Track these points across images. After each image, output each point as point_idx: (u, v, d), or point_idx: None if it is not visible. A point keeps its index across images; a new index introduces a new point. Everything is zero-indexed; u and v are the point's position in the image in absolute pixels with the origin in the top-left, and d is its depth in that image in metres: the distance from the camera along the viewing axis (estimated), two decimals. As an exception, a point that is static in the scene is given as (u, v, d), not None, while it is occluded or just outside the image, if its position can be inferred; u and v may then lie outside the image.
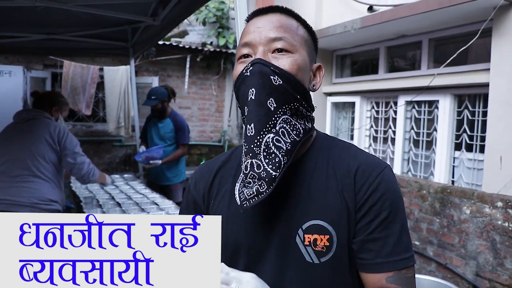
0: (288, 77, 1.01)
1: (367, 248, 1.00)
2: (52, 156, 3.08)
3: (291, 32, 1.05)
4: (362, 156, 1.08)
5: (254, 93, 0.99)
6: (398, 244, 1.00)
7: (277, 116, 0.99)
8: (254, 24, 1.07)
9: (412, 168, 4.48)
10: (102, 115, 6.92)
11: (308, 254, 1.00)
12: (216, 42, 7.47)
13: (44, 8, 3.33)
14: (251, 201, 0.98)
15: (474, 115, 3.84)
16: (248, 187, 0.99)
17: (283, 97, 1.00)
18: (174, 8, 3.39)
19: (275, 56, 1.03)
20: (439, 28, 4.08)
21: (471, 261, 3.35)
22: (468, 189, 3.46)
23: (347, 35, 4.51)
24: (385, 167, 1.05)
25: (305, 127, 1.06)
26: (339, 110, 5.61)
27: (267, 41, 1.03)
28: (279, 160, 0.98)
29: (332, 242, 1.00)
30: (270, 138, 0.98)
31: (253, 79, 1.00)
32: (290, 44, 1.03)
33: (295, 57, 1.03)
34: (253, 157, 0.98)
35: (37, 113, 3.21)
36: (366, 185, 1.02)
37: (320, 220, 1.01)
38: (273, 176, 0.97)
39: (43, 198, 2.97)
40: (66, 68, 6.16)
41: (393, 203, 1.02)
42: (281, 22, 1.05)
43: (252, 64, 1.01)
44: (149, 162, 4.51)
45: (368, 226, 1.00)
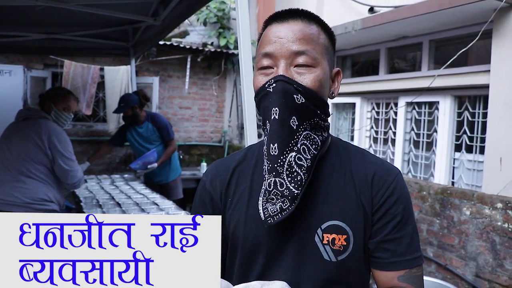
0: (311, 95, 1.03)
1: (384, 248, 1.07)
2: (42, 158, 3.00)
3: (313, 43, 1.04)
4: (378, 161, 1.14)
5: (278, 112, 1.01)
6: (410, 244, 1.07)
7: (299, 134, 1.03)
8: (275, 32, 1.05)
9: (412, 169, 4.48)
10: (103, 115, 6.92)
11: (326, 252, 1.05)
12: (217, 43, 7.47)
13: (44, 7, 3.33)
14: (275, 218, 1.02)
15: (474, 117, 3.84)
16: (272, 203, 1.03)
17: (305, 114, 1.03)
18: (175, 8, 3.39)
19: (297, 71, 1.03)
20: (439, 30, 4.09)
21: (471, 262, 3.35)
22: (468, 190, 3.46)
23: (348, 36, 4.51)
24: (398, 173, 1.13)
25: (323, 138, 1.09)
26: (339, 111, 5.61)
27: (289, 55, 1.03)
28: (301, 178, 1.02)
29: (349, 241, 1.05)
30: (292, 157, 1.02)
31: (276, 97, 1.01)
32: (312, 58, 1.03)
33: (317, 72, 1.04)
34: (277, 176, 1.02)
35: (33, 112, 3.14)
36: (383, 189, 1.08)
37: (339, 220, 1.06)
38: (295, 194, 1.01)
39: (36, 197, 2.93)
40: (66, 68, 6.16)
41: (406, 206, 1.09)
42: (303, 33, 1.04)
43: (276, 81, 1.01)
44: (147, 167, 4.51)
45: (384, 227, 1.07)
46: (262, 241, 1.10)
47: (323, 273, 1.06)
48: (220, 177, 1.21)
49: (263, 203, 1.06)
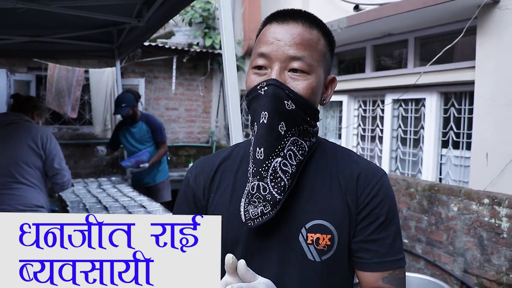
0: (302, 102, 1.02)
1: (366, 248, 1.06)
2: (36, 161, 3.00)
3: (311, 49, 1.03)
4: (363, 162, 1.13)
5: (267, 117, 1.00)
6: (393, 246, 1.06)
7: (286, 140, 1.02)
8: (274, 33, 1.03)
9: (400, 166, 4.50)
10: (88, 117, 6.85)
11: (310, 252, 1.04)
12: (202, 43, 7.43)
13: (27, 9, 3.28)
14: (255, 221, 1.03)
15: (460, 113, 3.86)
16: (253, 206, 1.03)
17: (294, 120, 1.02)
18: (158, 9, 3.37)
19: (291, 76, 1.02)
20: (424, 27, 4.10)
21: (459, 257, 3.37)
22: (455, 187, 3.48)
23: (334, 34, 4.46)
24: (384, 174, 1.12)
25: (310, 144, 1.09)
26: (326, 109, 5.62)
27: (285, 58, 1.01)
28: (284, 184, 1.02)
29: (334, 241, 1.04)
30: (278, 162, 1.02)
31: (267, 101, 1.00)
32: (308, 65, 1.02)
33: (311, 79, 1.02)
34: (260, 180, 1.02)
35: (17, 117, 3.11)
36: (367, 189, 1.07)
37: (323, 220, 1.05)
38: (277, 200, 1.01)
39: (29, 204, 2.91)
40: (50, 71, 6.09)
41: (391, 207, 1.08)
42: (302, 38, 1.02)
43: (268, 84, 1.00)
44: (139, 166, 4.48)
45: (367, 227, 1.06)
46: (243, 239, 1.09)
47: (307, 273, 1.05)
48: (204, 173, 1.20)
49: (245, 205, 1.06)
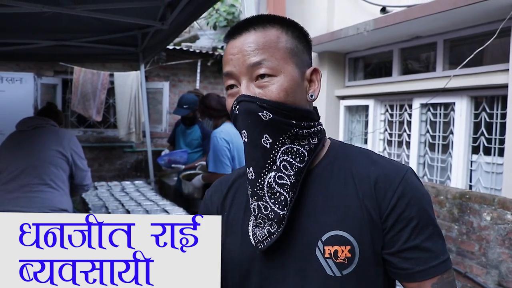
0: (278, 107, 0.95)
1: (405, 257, 0.96)
2: (63, 164, 3.04)
3: (270, 51, 0.97)
4: (382, 161, 1.03)
5: (246, 135, 0.97)
6: (434, 248, 0.96)
7: (275, 152, 0.97)
8: (230, 49, 1.01)
9: (428, 172, 4.37)
10: (113, 121, 6.91)
11: (329, 267, 0.95)
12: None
13: (52, 14, 3.31)
14: (265, 243, 0.97)
15: (492, 118, 3.73)
16: (260, 228, 0.99)
17: (278, 129, 0.96)
18: (182, 12, 3.36)
19: (259, 84, 0.97)
20: (454, 29, 3.99)
21: (493, 270, 3.23)
22: (488, 195, 3.34)
23: (360, 37, 4.42)
24: (407, 171, 1.00)
25: (310, 147, 1.01)
26: (352, 113, 5.52)
27: (247, 69, 0.97)
28: (285, 198, 0.96)
29: (354, 253, 0.95)
30: (271, 177, 0.96)
31: (242, 119, 0.97)
32: (271, 67, 0.96)
33: (280, 80, 0.96)
34: (259, 200, 0.98)
35: (43, 121, 3.16)
36: (389, 192, 0.97)
37: (340, 230, 0.96)
38: (281, 216, 0.96)
39: (54, 207, 2.92)
40: (76, 75, 6.16)
41: (421, 206, 0.97)
42: (257, 43, 0.97)
43: (238, 103, 0.97)
44: (171, 166, 4.44)
45: (399, 235, 0.96)
46: (259, 258, 1.02)
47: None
48: (218, 191, 1.17)
49: (252, 229, 1.01)
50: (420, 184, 1.01)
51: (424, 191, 1.00)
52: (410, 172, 1.00)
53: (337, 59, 5.45)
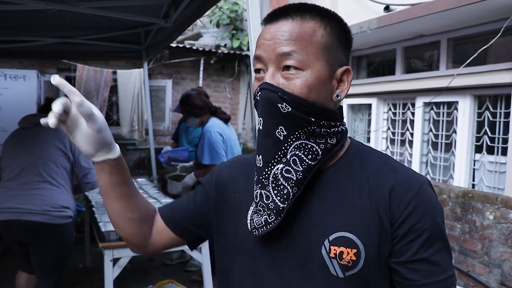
0: (298, 102, 0.94)
1: (413, 268, 0.95)
2: (63, 161, 3.04)
3: (302, 43, 0.95)
4: (400, 169, 1.02)
5: (262, 123, 0.96)
6: (442, 262, 0.96)
7: (287, 145, 0.96)
8: (264, 34, 1.00)
9: (430, 171, 4.37)
10: (116, 118, 6.91)
11: (333, 267, 0.96)
12: (230, 44, 7.42)
13: (56, 11, 3.31)
14: (260, 230, 0.98)
15: (495, 117, 3.72)
16: (258, 215, 0.99)
17: (294, 124, 0.95)
18: (185, 9, 3.36)
19: (285, 75, 0.95)
20: (458, 27, 3.97)
21: (495, 269, 3.23)
22: (491, 194, 3.34)
23: (363, 35, 4.41)
24: (424, 182, 0.99)
25: (326, 146, 0.99)
26: (355, 112, 5.51)
27: (276, 58, 0.96)
28: (288, 192, 0.95)
29: (359, 257, 0.94)
30: (279, 169, 0.96)
31: (261, 106, 0.96)
32: (299, 60, 0.94)
33: (306, 75, 0.95)
34: (262, 188, 0.98)
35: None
36: (405, 202, 0.96)
37: (349, 232, 0.96)
38: (280, 208, 0.95)
39: (55, 204, 2.93)
40: (79, 72, 6.16)
41: (435, 220, 0.96)
42: (292, 33, 0.95)
43: (260, 89, 0.97)
44: (171, 163, 4.45)
45: (410, 245, 0.95)
46: (266, 246, 1.02)
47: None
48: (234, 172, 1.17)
49: (251, 213, 1.02)
50: (435, 197, 1.00)
51: (438, 204, 1.00)
52: (427, 183, 1.00)
53: (340, 58, 5.44)
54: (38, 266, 3.02)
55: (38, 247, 2.97)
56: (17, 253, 3.19)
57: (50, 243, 2.96)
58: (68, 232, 3.04)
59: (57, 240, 2.98)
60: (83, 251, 4.85)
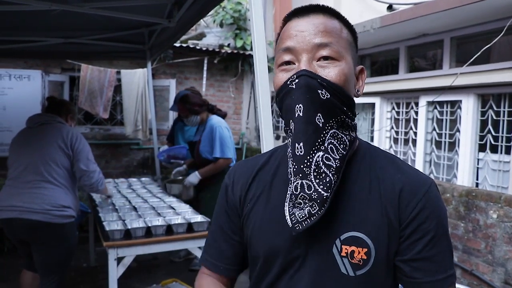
0: (336, 90, 0.96)
1: (417, 267, 0.98)
2: (65, 161, 3.05)
3: (336, 37, 0.99)
4: (409, 171, 1.04)
5: (302, 109, 0.94)
6: (445, 262, 0.99)
7: (325, 132, 0.96)
8: (296, 26, 1.00)
9: (434, 170, 4.36)
10: (120, 118, 6.93)
11: (344, 265, 0.98)
12: (233, 44, 7.42)
13: (60, 12, 3.33)
14: (304, 224, 0.95)
15: (499, 115, 3.71)
16: (299, 208, 0.96)
17: (332, 111, 0.96)
18: (189, 9, 3.37)
19: (320, 64, 0.97)
20: (461, 26, 3.97)
21: (499, 268, 3.22)
22: (494, 193, 3.33)
23: (366, 34, 4.41)
24: (431, 183, 1.02)
25: (350, 138, 1.02)
26: (358, 111, 5.51)
27: (311, 48, 0.97)
28: (330, 180, 0.95)
29: (370, 256, 0.97)
30: (320, 157, 0.95)
31: (300, 93, 0.95)
32: (336, 51, 0.97)
33: (342, 65, 0.98)
34: (304, 178, 0.95)
35: (50, 118, 3.19)
36: (413, 202, 0.99)
37: (359, 232, 0.98)
38: (324, 197, 0.94)
39: (55, 204, 2.94)
40: (83, 72, 6.18)
41: (440, 221, 1.00)
42: (325, 26, 0.98)
43: (298, 76, 0.95)
44: (170, 161, 4.47)
45: (415, 244, 0.98)
46: (279, 249, 1.04)
47: (340, 287, 0.99)
48: (242, 180, 1.16)
49: (289, 209, 0.99)
50: (440, 197, 1.03)
51: (443, 205, 1.03)
52: (434, 185, 1.03)
53: (343, 57, 5.44)
54: (40, 265, 3.04)
55: (40, 246, 2.99)
56: (21, 251, 3.21)
57: (51, 242, 2.97)
58: (69, 232, 3.05)
59: (58, 240, 2.99)
60: (87, 250, 4.88)
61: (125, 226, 2.92)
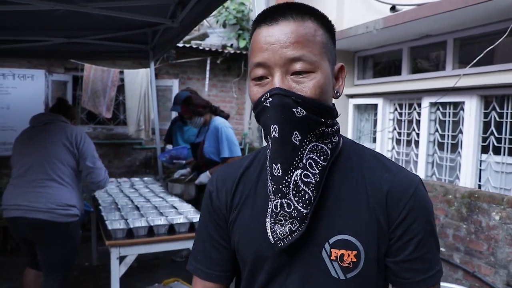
0: (312, 105, 0.93)
1: (408, 267, 0.98)
2: (70, 160, 3.06)
3: (309, 45, 0.93)
4: (395, 170, 1.03)
5: (277, 130, 0.92)
6: (433, 259, 1.00)
7: (303, 149, 0.94)
8: (266, 37, 0.94)
9: (436, 172, 4.36)
10: (123, 118, 6.95)
11: (334, 269, 0.97)
12: (236, 44, 7.43)
13: (64, 11, 3.34)
14: (286, 241, 0.96)
15: (502, 117, 3.70)
16: (280, 225, 0.96)
17: (308, 126, 0.94)
18: (192, 10, 3.37)
19: (295, 79, 0.93)
20: (464, 27, 3.96)
21: (501, 269, 3.22)
22: (497, 194, 3.33)
23: (369, 35, 4.41)
24: (419, 183, 1.01)
25: (332, 145, 1.00)
26: (361, 112, 5.51)
27: (284, 63, 0.92)
28: (309, 197, 0.94)
29: (360, 258, 0.96)
30: (298, 175, 0.94)
31: (274, 113, 0.92)
32: (310, 63, 0.93)
33: (317, 77, 0.94)
34: (283, 197, 0.95)
35: (53, 117, 3.20)
36: (402, 203, 0.98)
37: (348, 235, 0.97)
38: (304, 214, 0.94)
39: (60, 203, 2.95)
40: (86, 72, 6.20)
41: (428, 219, 1.00)
42: (297, 35, 0.92)
43: (272, 95, 0.92)
44: (172, 162, 4.49)
45: (406, 245, 0.98)
46: (266, 255, 1.02)
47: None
48: (225, 186, 1.13)
49: (271, 225, 0.98)
50: (427, 195, 1.03)
51: (430, 201, 1.03)
52: (421, 183, 1.02)
53: (346, 58, 5.44)
54: (45, 264, 3.05)
55: (44, 245, 3.00)
56: (24, 250, 3.22)
57: (56, 241, 2.99)
58: (74, 231, 3.06)
59: (63, 238, 3.00)
60: (90, 249, 4.89)
61: (127, 225, 2.93)
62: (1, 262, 4.89)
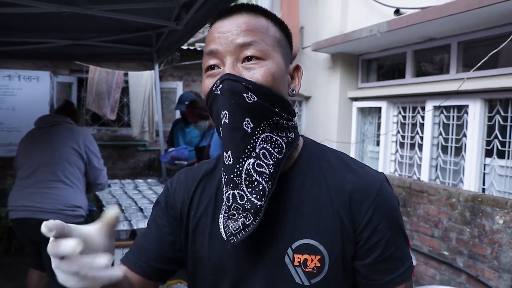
0: (263, 91, 0.90)
1: (378, 269, 0.95)
2: (77, 161, 3.08)
3: (261, 35, 0.93)
4: (357, 168, 1.00)
5: (228, 116, 0.89)
6: (403, 256, 0.97)
7: (255, 138, 0.90)
8: (218, 28, 0.94)
9: (440, 175, 4.35)
10: (127, 120, 6.97)
11: (298, 275, 0.93)
12: (240, 47, 7.45)
13: (69, 14, 3.36)
14: (238, 236, 0.90)
15: (506, 121, 3.70)
16: (233, 220, 0.91)
17: (260, 114, 0.90)
18: (196, 13, 3.38)
19: (245, 66, 0.91)
20: (468, 31, 3.96)
21: (505, 274, 3.21)
22: (501, 198, 3.32)
23: (373, 39, 4.41)
24: (383, 181, 0.98)
25: (288, 140, 0.96)
26: (365, 115, 5.51)
27: (234, 49, 0.91)
28: (263, 188, 0.89)
29: (324, 262, 0.93)
30: (250, 164, 0.89)
31: (225, 99, 0.89)
32: (261, 50, 0.91)
33: (269, 65, 0.92)
34: (235, 188, 0.90)
35: (60, 118, 3.23)
36: (366, 204, 0.94)
37: (311, 239, 0.94)
38: (258, 206, 0.88)
39: (68, 204, 2.97)
40: (91, 73, 6.23)
41: (395, 217, 0.97)
42: (249, 24, 0.93)
43: (222, 81, 0.90)
44: (174, 162, 4.50)
45: (375, 247, 0.94)
46: (228, 263, 0.99)
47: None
48: (184, 187, 1.09)
49: (223, 221, 0.94)
50: (392, 192, 1.00)
51: (395, 198, 0.99)
52: (385, 181, 0.99)
53: (350, 61, 5.45)
54: (50, 265, 3.06)
55: None
56: (29, 251, 3.24)
57: None
58: None
59: None
60: (93, 250, 4.89)
61: (131, 226, 2.94)
62: (5, 262, 4.91)
